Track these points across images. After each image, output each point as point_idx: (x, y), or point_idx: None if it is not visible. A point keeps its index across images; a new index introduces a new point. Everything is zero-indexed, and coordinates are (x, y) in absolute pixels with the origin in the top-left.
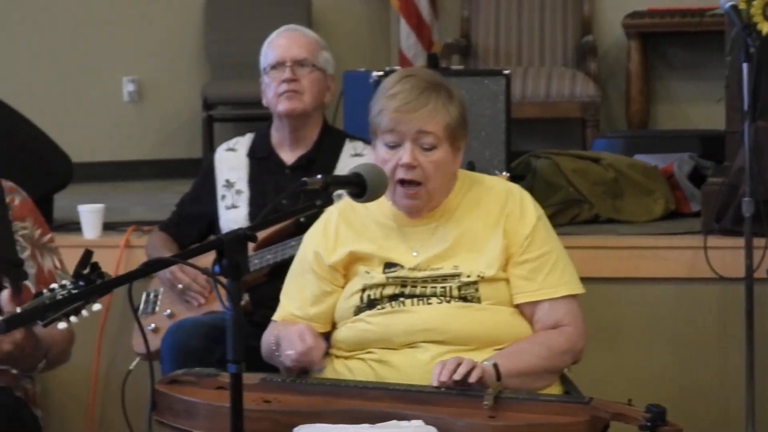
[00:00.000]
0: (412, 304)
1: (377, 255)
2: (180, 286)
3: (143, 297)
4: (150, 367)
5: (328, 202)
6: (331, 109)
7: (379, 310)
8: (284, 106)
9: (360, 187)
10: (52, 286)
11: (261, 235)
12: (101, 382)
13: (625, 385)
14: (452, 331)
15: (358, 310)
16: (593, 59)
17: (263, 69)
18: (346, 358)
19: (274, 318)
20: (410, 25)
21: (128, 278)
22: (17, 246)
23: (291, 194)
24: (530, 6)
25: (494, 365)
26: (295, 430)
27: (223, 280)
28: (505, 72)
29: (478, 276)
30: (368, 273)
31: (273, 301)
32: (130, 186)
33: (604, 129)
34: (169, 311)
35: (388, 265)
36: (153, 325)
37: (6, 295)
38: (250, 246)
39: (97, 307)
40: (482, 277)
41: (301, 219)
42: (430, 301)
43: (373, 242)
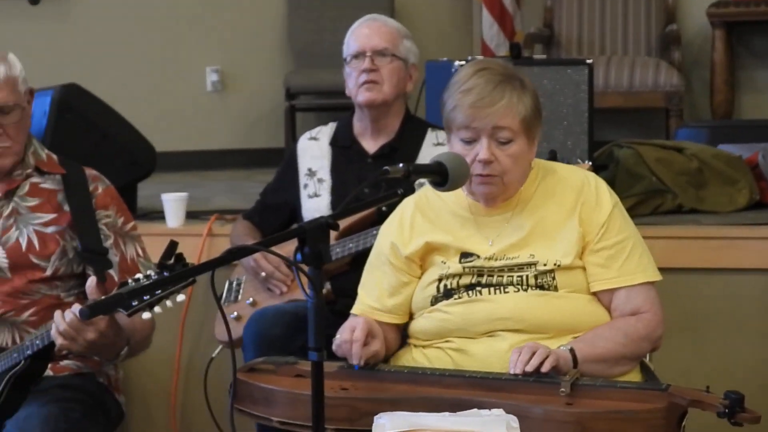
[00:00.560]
0: (489, 293)
1: (453, 245)
2: (263, 273)
3: (226, 285)
4: (232, 355)
5: (410, 191)
6: (413, 98)
7: (456, 299)
8: (364, 96)
9: (442, 176)
10: (136, 276)
11: (343, 223)
12: (183, 369)
13: (706, 376)
14: (530, 319)
15: (435, 300)
16: (677, 48)
17: (345, 58)
18: (423, 347)
19: (352, 312)
20: (493, 15)
21: (211, 266)
22: (101, 234)
23: (373, 183)
24: None
25: (571, 350)
26: (375, 417)
27: (305, 269)
28: (587, 61)
29: (554, 264)
30: (444, 263)
31: (354, 289)
32: (213, 175)
33: (687, 119)
34: (251, 299)
35: (464, 255)
36: (235, 313)
37: (91, 283)
38: (332, 235)
39: (180, 298)
40: (559, 266)
41: (383, 208)
42: (507, 290)
43: (448, 233)
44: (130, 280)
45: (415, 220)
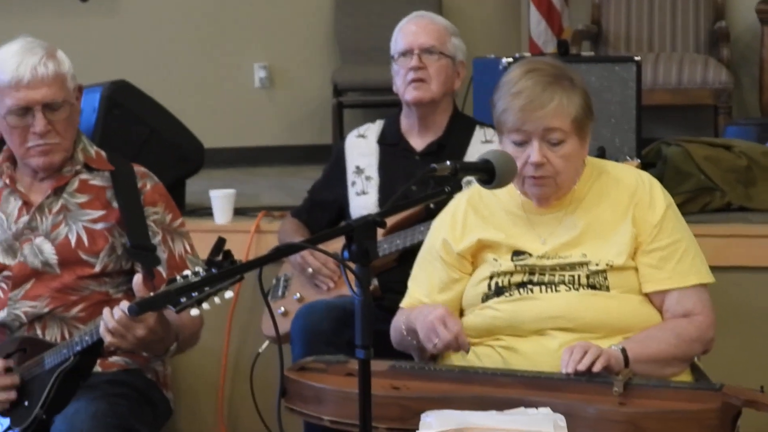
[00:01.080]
0: (540, 292)
1: (505, 243)
2: (310, 270)
3: (273, 281)
4: (279, 351)
5: (457, 188)
6: (461, 95)
7: (507, 297)
8: (411, 95)
9: (489, 174)
10: (185, 272)
11: (390, 220)
12: (231, 365)
13: (757, 374)
14: (581, 318)
15: (486, 297)
16: (725, 45)
17: (393, 56)
18: (474, 344)
19: (402, 305)
20: (541, 12)
21: (259, 262)
22: (149, 231)
23: (420, 180)
24: None
25: (622, 350)
26: (422, 416)
27: (352, 266)
28: (635, 58)
29: (606, 264)
30: (496, 260)
31: (402, 286)
32: (261, 171)
33: (736, 116)
34: (298, 294)
35: (517, 253)
36: (282, 309)
37: (137, 280)
38: (380, 231)
39: (229, 295)
40: (611, 266)
41: (431, 205)
42: (558, 288)
43: (501, 230)
44: (178, 277)
45: (468, 217)
